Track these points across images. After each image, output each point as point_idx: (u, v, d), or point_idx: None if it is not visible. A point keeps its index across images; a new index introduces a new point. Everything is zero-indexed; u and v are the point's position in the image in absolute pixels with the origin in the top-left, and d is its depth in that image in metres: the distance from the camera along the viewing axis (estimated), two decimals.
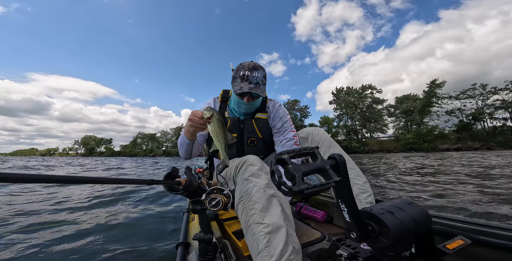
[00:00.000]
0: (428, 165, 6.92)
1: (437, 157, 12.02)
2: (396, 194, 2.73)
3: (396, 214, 0.44)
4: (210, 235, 0.72)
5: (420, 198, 2.43)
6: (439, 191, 2.76)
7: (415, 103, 32.97)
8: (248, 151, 1.16)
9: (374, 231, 0.45)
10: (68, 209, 3.09)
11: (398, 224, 0.43)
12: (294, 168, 0.42)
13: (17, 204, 3.17)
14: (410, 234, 0.44)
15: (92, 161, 20.49)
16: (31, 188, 4.24)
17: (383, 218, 0.43)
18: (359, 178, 0.98)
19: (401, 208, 0.46)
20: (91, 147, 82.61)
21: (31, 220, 2.54)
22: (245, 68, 1.02)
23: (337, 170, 0.44)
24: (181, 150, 1.07)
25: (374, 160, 11.17)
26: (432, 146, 26.43)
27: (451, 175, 4.39)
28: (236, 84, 1.03)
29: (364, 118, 37.14)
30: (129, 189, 4.43)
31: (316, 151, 0.47)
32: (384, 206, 0.47)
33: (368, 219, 0.46)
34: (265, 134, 1.17)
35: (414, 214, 0.45)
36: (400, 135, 32.14)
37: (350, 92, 38.50)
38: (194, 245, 0.85)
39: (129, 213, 2.61)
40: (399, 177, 4.38)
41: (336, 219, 1.07)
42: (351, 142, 34.12)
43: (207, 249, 0.72)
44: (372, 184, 3.48)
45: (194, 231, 0.98)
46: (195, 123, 0.83)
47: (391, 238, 0.42)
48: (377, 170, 5.92)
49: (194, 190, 0.66)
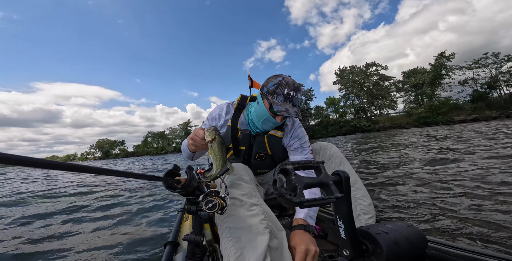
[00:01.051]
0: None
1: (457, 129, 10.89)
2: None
3: (391, 234, 0.43)
4: (201, 237, 0.72)
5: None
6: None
7: (424, 76, 31.35)
8: (254, 164, 1.13)
9: (367, 250, 0.44)
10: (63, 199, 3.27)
11: (392, 244, 0.42)
12: (297, 179, 0.42)
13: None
14: (403, 256, 0.43)
15: (108, 162, 21.58)
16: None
17: (378, 238, 0.43)
18: (364, 199, 0.96)
19: (397, 229, 0.45)
20: (106, 150, 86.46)
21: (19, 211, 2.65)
22: (290, 86, 0.92)
23: (340, 186, 0.44)
24: (184, 154, 1.10)
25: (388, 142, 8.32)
26: (447, 118, 25.35)
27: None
28: (278, 103, 0.91)
29: (371, 96, 35.91)
30: (129, 184, 4.57)
31: (321, 166, 0.47)
32: (382, 227, 0.46)
33: (364, 238, 0.45)
34: (275, 151, 1.11)
35: (410, 237, 0.44)
36: (411, 110, 30.87)
37: (354, 71, 36.98)
38: (183, 246, 0.84)
39: (125, 207, 2.70)
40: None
41: (330, 235, 1.06)
42: (360, 121, 33.40)
43: (196, 251, 0.71)
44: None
45: (186, 231, 0.98)
46: (196, 143, 0.84)
47: (384, 259, 0.41)
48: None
49: (193, 190, 0.66)
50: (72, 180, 6.08)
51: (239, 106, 1.10)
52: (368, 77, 35.70)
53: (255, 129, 1.08)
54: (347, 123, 33.75)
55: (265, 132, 1.08)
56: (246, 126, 1.09)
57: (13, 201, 3.58)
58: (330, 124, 35.21)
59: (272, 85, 0.94)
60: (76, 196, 3.68)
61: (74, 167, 0.30)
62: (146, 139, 73.36)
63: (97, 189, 4.28)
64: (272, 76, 0.98)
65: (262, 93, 0.98)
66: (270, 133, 1.08)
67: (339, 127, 33.84)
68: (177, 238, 0.94)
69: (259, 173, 1.19)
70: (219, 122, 1.09)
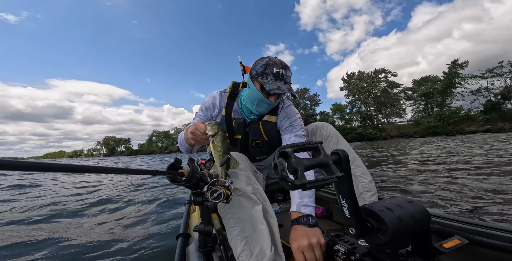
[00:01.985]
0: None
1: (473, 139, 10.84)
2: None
3: (395, 211, 0.44)
4: (210, 226, 0.73)
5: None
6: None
7: (435, 85, 30.67)
8: (252, 152, 1.13)
9: (372, 227, 0.45)
10: (73, 198, 3.24)
11: (397, 221, 0.42)
12: (297, 161, 0.42)
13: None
14: (408, 232, 0.43)
15: (115, 160, 21.80)
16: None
17: (382, 215, 0.43)
18: (365, 177, 0.96)
19: (401, 206, 0.45)
20: (112, 147, 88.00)
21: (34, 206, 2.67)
22: (278, 65, 0.92)
23: (340, 166, 0.44)
24: (181, 147, 1.06)
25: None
26: (457, 129, 24.60)
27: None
28: (269, 82, 0.90)
29: (379, 103, 35.37)
30: (135, 180, 4.60)
31: (320, 146, 0.47)
32: (385, 204, 0.46)
33: (368, 216, 0.46)
34: (271, 137, 1.10)
35: (413, 212, 0.44)
36: (420, 119, 30.19)
37: (362, 77, 36.59)
38: (194, 236, 0.86)
39: (134, 203, 2.73)
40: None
41: (335, 215, 1.06)
42: (366, 128, 32.83)
43: (207, 241, 0.73)
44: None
45: (195, 223, 1.00)
46: (196, 137, 0.80)
47: (389, 235, 0.41)
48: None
49: (196, 181, 0.66)
50: (71, 180, 5.90)
51: (231, 94, 1.06)
52: (376, 84, 35.27)
53: (249, 115, 1.07)
54: (352, 131, 33.23)
55: (260, 118, 1.07)
56: (240, 115, 1.08)
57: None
58: None
59: (260, 66, 0.93)
60: (80, 196, 3.63)
61: (77, 168, 0.29)
62: (151, 138, 74.34)
63: (99, 187, 4.26)
64: (259, 59, 0.97)
65: (251, 76, 0.97)
66: (264, 118, 1.06)
67: (344, 134, 33.25)
68: (187, 230, 0.95)
69: (257, 160, 1.19)
70: (214, 112, 1.07)
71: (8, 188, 4.48)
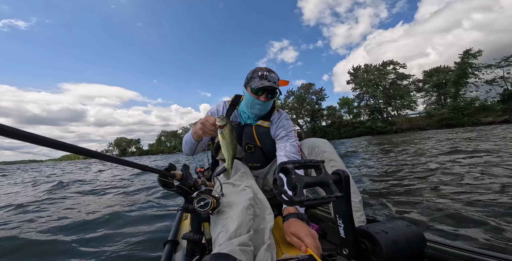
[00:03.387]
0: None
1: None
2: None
3: (390, 234, 0.42)
4: (200, 235, 0.71)
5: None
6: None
7: (448, 75, 29.30)
8: (244, 158, 1.16)
9: (366, 249, 0.43)
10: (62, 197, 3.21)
11: (391, 244, 0.41)
12: (297, 178, 0.43)
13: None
14: (402, 255, 0.42)
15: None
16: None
17: (378, 237, 0.42)
18: (355, 196, 0.94)
19: (397, 229, 0.44)
20: (123, 148, 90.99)
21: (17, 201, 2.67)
22: (263, 70, 1.11)
23: (340, 185, 0.45)
24: (185, 147, 1.12)
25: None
26: (473, 120, 23.39)
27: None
28: (255, 82, 1.07)
29: (388, 96, 34.27)
30: (126, 183, 4.48)
31: (321, 165, 0.48)
32: (381, 226, 0.45)
33: (363, 237, 0.44)
34: (264, 142, 1.18)
35: (409, 236, 0.43)
36: (433, 110, 28.97)
37: (369, 69, 35.48)
38: (182, 244, 0.84)
39: (125, 207, 2.63)
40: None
41: (330, 235, 1.03)
42: (376, 122, 31.98)
43: (195, 249, 0.71)
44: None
45: (185, 230, 0.98)
46: (206, 128, 0.87)
47: (383, 258, 0.40)
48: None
49: (189, 188, 0.66)
50: (65, 179, 5.84)
51: (232, 103, 1.24)
52: (384, 76, 34.15)
53: (245, 119, 1.21)
54: (361, 125, 32.50)
55: (255, 121, 1.19)
56: (238, 119, 1.21)
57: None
58: (342, 125, 34.13)
59: (249, 74, 1.14)
60: (70, 195, 3.56)
61: (69, 147, 0.31)
62: (159, 138, 76.20)
63: (94, 187, 4.23)
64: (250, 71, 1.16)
65: (244, 85, 1.16)
66: (258, 123, 1.18)
67: (352, 128, 32.69)
68: (176, 237, 0.93)
69: (250, 167, 1.21)
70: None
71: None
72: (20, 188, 4.99)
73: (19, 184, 6.17)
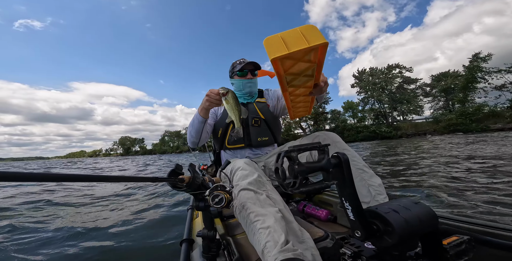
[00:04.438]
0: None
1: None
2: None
3: (401, 213, 0.42)
4: (213, 232, 0.73)
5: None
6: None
7: (456, 80, 28.76)
8: (253, 132, 1.28)
9: (379, 230, 0.44)
10: (73, 204, 3.18)
11: (403, 223, 0.41)
12: (299, 165, 0.43)
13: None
14: (415, 233, 0.43)
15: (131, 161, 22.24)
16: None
17: (388, 217, 0.42)
18: (374, 180, 0.94)
19: (407, 207, 0.44)
20: (127, 147, 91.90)
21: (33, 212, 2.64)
22: (241, 60, 1.32)
23: (341, 168, 0.45)
24: (191, 131, 1.18)
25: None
26: (482, 126, 22.79)
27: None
28: (237, 68, 1.29)
29: (393, 100, 33.79)
30: (135, 186, 4.46)
31: (326, 148, 0.47)
32: (390, 206, 0.45)
33: (373, 218, 0.45)
34: (267, 115, 1.34)
35: (420, 214, 0.43)
36: (440, 116, 28.38)
37: (375, 73, 35.13)
38: (198, 242, 0.86)
39: (136, 209, 2.65)
40: None
41: (340, 218, 1.04)
42: (380, 126, 31.48)
43: (211, 246, 0.73)
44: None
45: (198, 228, 1.00)
46: (211, 98, 0.97)
47: (396, 237, 0.40)
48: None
49: (198, 187, 0.67)
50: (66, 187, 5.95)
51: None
52: (390, 80, 33.74)
53: (242, 101, 1.37)
54: (365, 129, 32.06)
55: (253, 100, 1.38)
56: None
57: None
58: (346, 129, 33.75)
59: (230, 68, 1.37)
60: (79, 201, 3.47)
61: (76, 177, 0.30)
62: (163, 138, 76.70)
63: (99, 192, 4.16)
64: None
65: (230, 78, 1.38)
66: (257, 100, 1.37)
67: (356, 132, 32.28)
68: (191, 235, 0.95)
69: (260, 142, 1.31)
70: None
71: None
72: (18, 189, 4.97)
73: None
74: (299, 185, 0.43)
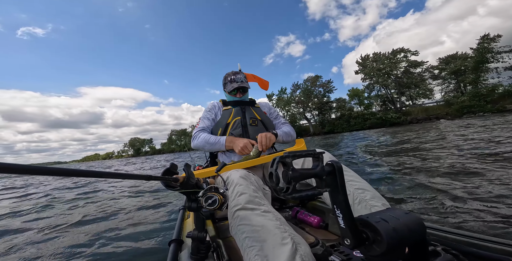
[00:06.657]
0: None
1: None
2: None
3: (390, 222, 0.42)
4: (204, 233, 0.71)
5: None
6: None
7: (466, 61, 27.34)
8: (251, 131, 1.38)
9: (368, 238, 0.43)
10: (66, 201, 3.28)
11: (392, 232, 0.40)
12: (293, 171, 0.44)
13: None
14: (404, 243, 0.42)
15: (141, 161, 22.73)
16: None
17: (378, 226, 0.41)
18: (368, 189, 0.90)
19: (396, 217, 0.44)
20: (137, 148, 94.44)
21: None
22: (230, 75, 1.49)
23: (334, 176, 0.46)
24: (206, 146, 1.31)
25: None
26: (498, 107, 21.75)
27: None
28: (228, 87, 1.47)
29: (400, 85, 32.65)
30: (129, 184, 4.54)
31: (321, 156, 0.48)
32: (381, 215, 0.45)
33: (363, 227, 0.45)
34: (263, 117, 1.48)
35: (409, 223, 0.43)
36: (452, 99, 27.30)
37: (378, 58, 33.80)
38: (187, 243, 0.84)
39: (126, 207, 2.66)
40: None
41: (331, 226, 1.03)
42: (387, 113, 30.63)
43: (200, 248, 0.71)
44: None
45: (188, 229, 0.98)
46: (243, 151, 1.20)
47: (385, 246, 0.40)
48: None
49: (191, 187, 0.66)
50: (64, 184, 5.96)
51: (223, 101, 1.56)
52: (395, 65, 32.47)
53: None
54: (372, 116, 31.33)
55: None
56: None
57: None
58: (352, 117, 33.13)
59: (223, 81, 1.53)
60: (73, 199, 3.64)
61: (72, 172, 0.30)
62: (170, 137, 78.15)
63: (94, 191, 4.30)
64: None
65: (223, 90, 1.55)
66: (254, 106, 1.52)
67: (363, 120, 31.65)
68: (180, 236, 0.94)
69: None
70: (216, 109, 1.50)
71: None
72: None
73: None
74: (292, 190, 0.44)
